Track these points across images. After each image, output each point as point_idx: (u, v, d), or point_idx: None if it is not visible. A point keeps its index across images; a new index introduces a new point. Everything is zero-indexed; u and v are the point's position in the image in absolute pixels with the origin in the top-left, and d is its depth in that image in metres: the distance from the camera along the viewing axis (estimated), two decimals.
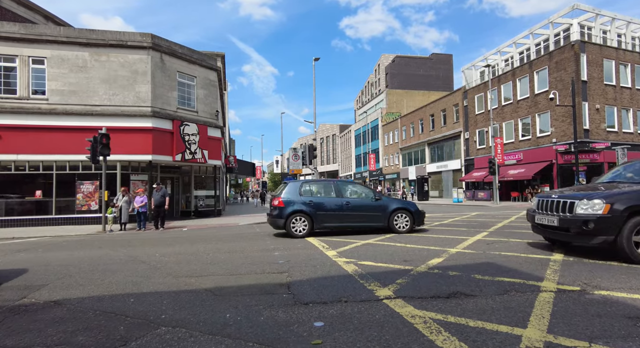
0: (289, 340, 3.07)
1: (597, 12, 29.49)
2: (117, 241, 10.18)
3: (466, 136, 36.28)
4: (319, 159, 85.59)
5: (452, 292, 4.33)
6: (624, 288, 4.36)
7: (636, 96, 27.17)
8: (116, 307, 4.03)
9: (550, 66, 26.93)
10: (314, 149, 19.65)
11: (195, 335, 3.20)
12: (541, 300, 3.93)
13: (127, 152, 15.58)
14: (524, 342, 2.91)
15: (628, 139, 26.28)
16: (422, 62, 72.02)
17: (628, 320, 3.34)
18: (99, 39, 15.65)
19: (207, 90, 19.06)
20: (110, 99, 15.70)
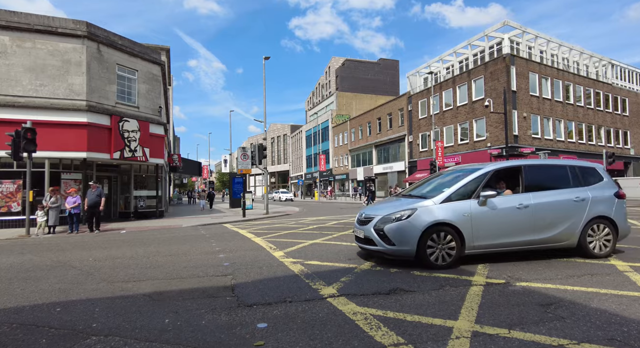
0: (230, 342, 3.03)
1: (524, 29, 32.49)
2: (44, 245, 9.28)
3: (410, 139, 38.05)
4: (269, 159, 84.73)
5: (392, 289, 4.53)
6: (540, 279, 4.87)
7: (555, 107, 30.33)
8: (38, 318, 3.69)
9: (486, 76, 29.16)
10: (264, 149, 19.42)
11: (130, 343, 3.04)
12: (472, 294, 4.25)
13: (58, 149, 14.25)
14: (455, 333, 3.14)
15: (549, 145, 29.24)
16: (371, 66, 74.22)
17: (541, 308, 3.74)
18: (22, 22, 14.13)
19: (149, 84, 18.05)
20: (37, 90, 14.27)
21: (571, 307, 3.72)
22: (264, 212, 20.28)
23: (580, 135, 32.03)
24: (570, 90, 31.66)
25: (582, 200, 6.04)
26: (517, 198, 5.90)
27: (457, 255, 5.53)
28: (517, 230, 5.75)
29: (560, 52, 35.72)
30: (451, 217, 5.51)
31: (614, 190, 6.38)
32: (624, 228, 6.27)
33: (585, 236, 6.00)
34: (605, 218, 6.12)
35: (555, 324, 3.28)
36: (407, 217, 5.51)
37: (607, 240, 6.12)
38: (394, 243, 5.51)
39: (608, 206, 6.18)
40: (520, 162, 6.46)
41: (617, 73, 53.93)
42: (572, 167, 6.45)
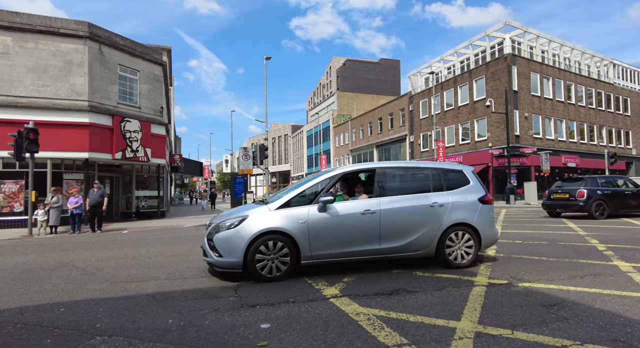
0: (234, 343, 3.03)
1: (525, 29, 32.42)
2: (46, 246, 9.31)
3: (411, 139, 38.04)
4: (270, 159, 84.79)
5: (394, 289, 4.54)
6: (542, 279, 4.87)
7: (556, 107, 30.28)
8: (42, 319, 3.71)
9: (487, 76, 29.12)
10: (265, 149, 19.45)
11: (134, 343, 3.05)
12: (474, 294, 4.25)
13: (60, 149, 14.30)
14: (458, 333, 3.15)
15: (550, 145, 29.19)
16: (372, 66, 74.22)
17: (544, 308, 3.74)
18: (25, 23, 14.18)
19: (151, 85, 18.09)
20: (39, 90, 14.31)
21: (574, 308, 3.72)
22: None
23: (581, 135, 31.98)
24: (572, 90, 31.61)
25: (441, 205, 5.59)
26: (364, 203, 5.42)
27: (291, 266, 5.08)
28: (362, 239, 5.27)
29: (561, 52, 35.66)
30: (285, 224, 5.05)
31: (480, 194, 5.92)
32: (488, 235, 5.81)
33: (443, 245, 5.54)
34: (466, 225, 5.65)
35: (558, 325, 3.28)
36: (235, 226, 5.05)
37: (469, 247, 5.65)
38: (221, 254, 4.99)
39: (470, 212, 5.72)
40: (375, 164, 5.91)
41: (618, 73, 53.84)
42: (436, 169, 6.03)
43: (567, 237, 8.67)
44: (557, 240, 8.18)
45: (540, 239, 8.42)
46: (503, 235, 9.11)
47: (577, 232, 9.65)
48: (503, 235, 9.23)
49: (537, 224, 11.69)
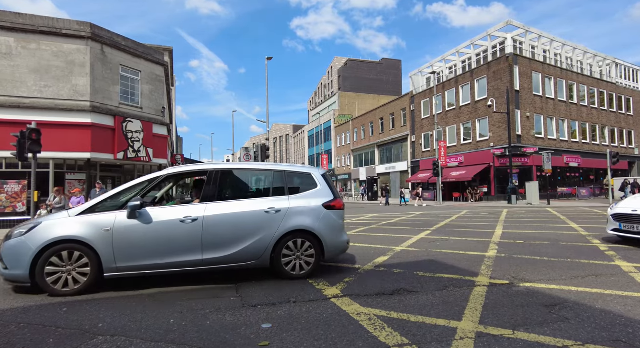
0: (235, 343, 3.05)
1: (527, 29, 32.34)
2: None
3: (413, 139, 37.99)
4: (272, 159, 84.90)
5: (396, 289, 4.54)
6: (544, 279, 4.87)
7: (558, 107, 30.20)
8: (45, 318, 3.73)
9: (489, 75, 29.07)
10: (267, 149, 19.48)
11: (136, 343, 3.06)
12: (475, 294, 4.25)
13: (62, 150, 14.34)
14: (459, 333, 3.15)
15: (552, 145, 29.11)
16: (373, 66, 74.19)
17: (545, 309, 3.74)
18: (27, 24, 14.24)
19: (152, 85, 18.13)
20: (42, 91, 14.36)
21: (576, 308, 3.72)
22: None
23: (584, 135, 31.90)
24: (574, 90, 31.53)
25: (278, 211, 5.10)
26: (184, 210, 4.89)
27: (91, 279, 4.50)
28: (180, 249, 4.73)
29: (563, 51, 35.56)
30: (84, 232, 4.49)
31: (326, 199, 5.42)
32: (334, 243, 5.32)
33: (279, 254, 5.05)
34: (307, 233, 5.19)
35: (559, 325, 3.28)
36: (23, 234, 4.50)
37: (310, 256, 5.20)
38: (7, 265, 4.43)
39: (312, 218, 5.24)
40: (208, 166, 5.42)
41: (621, 72, 53.65)
42: (280, 172, 5.50)
43: (568, 237, 8.65)
44: (559, 241, 8.17)
45: (541, 239, 8.40)
46: (504, 236, 9.10)
47: (579, 232, 9.63)
48: (504, 235, 9.22)
49: (538, 224, 11.67)
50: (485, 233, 9.61)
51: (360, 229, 11.29)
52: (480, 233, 9.78)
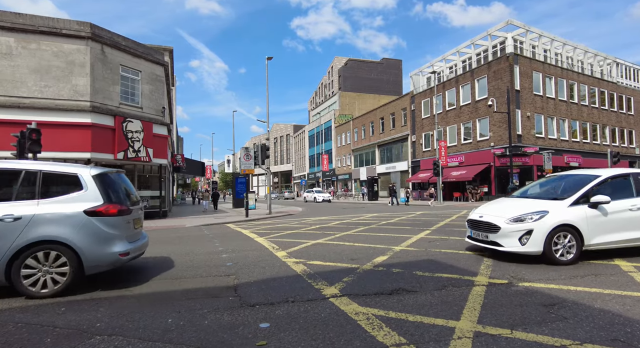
0: (233, 342, 3.04)
1: (527, 28, 32.28)
2: None
3: (413, 139, 37.95)
4: (272, 159, 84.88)
5: (394, 289, 4.53)
6: (542, 279, 4.85)
7: (559, 106, 30.15)
8: (43, 318, 3.73)
9: (489, 75, 29.02)
10: (267, 149, 19.46)
11: (133, 343, 3.06)
12: (474, 294, 4.24)
13: (63, 150, 14.35)
14: (457, 333, 3.14)
15: (552, 144, 29.06)
16: (374, 66, 74.11)
17: (543, 308, 3.73)
18: (28, 24, 14.25)
19: (153, 85, 18.13)
20: (42, 91, 14.37)
21: (574, 308, 3.71)
22: (267, 212, 20.32)
23: (584, 135, 31.83)
24: (575, 89, 31.46)
25: (17, 218, 4.39)
26: None
27: None
28: None
29: (564, 51, 35.50)
30: None
31: (91, 204, 4.72)
32: (96, 257, 4.64)
33: (18, 268, 4.35)
34: (59, 243, 4.50)
35: (558, 325, 3.27)
36: None
37: (62, 273, 4.50)
38: None
39: (67, 227, 4.54)
40: None
41: (622, 72, 53.56)
42: (33, 173, 4.72)
43: None
44: None
45: None
46: None
47: None
48: None
49: None
50: None
51: (359, 229, 11.28)
52: None
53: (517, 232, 5.75)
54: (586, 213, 5.80)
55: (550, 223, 5.66)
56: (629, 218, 5.96)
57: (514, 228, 5.80)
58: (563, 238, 5.69)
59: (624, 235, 5.91)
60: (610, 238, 5.85)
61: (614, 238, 5.87)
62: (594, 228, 5.77)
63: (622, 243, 5.96)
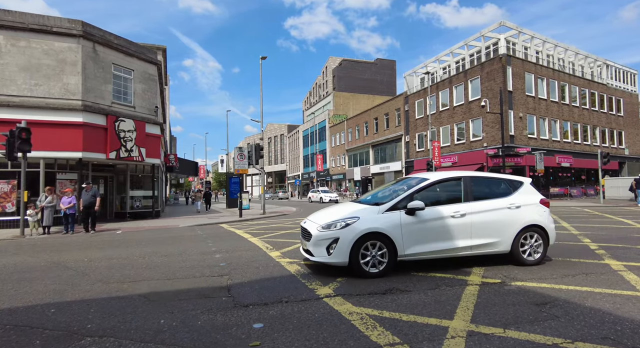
0: (226, 343, 3.02)
1: (519, 30, 32.61)
2: (38, 246, 9.22)
3: (407, 139, 38.11)
4: (266, 159, 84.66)
5: (388, 289, 4.54)
6: (535, 278, 4.90)
7: (550, 107, 30.47)
8: (32, 320, 3.67)
9: (482, 76, 29.25)
10: (261, 149, 19.41)
11: (124, 344, 3.02)
12: (467, 293, 4.27)
13: (53, 149, 14.16)
14: (450, 332, 3.15)
15: (544, 145, 29.36)
16: (368, 66, 74.29)
17: (535, 307, 3.76)
18: (17, 21, 14.03)
19: (145, 84, 17.97)
20: (32, 89, 14.17)
21: (566, 306, 3.74)
22: (260, 212, 20.26)
23: (575, 135, 32.21)
24: (566, 91, 31.83)
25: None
26: None
27: None
28: None
29: (555, 52, 35.92)
30: None
31: None
32: None
33: None
34: None
35: (550, 323, 3.30)
36: None
37: None
38: None
39: None
40: None
41: (612, 74, 54.31)
42: None
43: (559, 236, 8.72)
44: None
45: None
46: None
47: (570, 231, 9.72)
48: None
49: None
50: None
51: None
52: None
53: (326, 240, 5.15)
54: (401, 220, 5.17)
55: (358, 230, 5.03)
56: (451, 225, 5.35)
57: (323, 235, 5.18)
58: (372, 248, 5.08)
59: (443, 245, 5.29)
60: (428, 248, 5.23)
61: (432, 247, 5.25)
62: (410, 237, 5.16)
63: (442, 254, 5.34)
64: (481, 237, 5.46)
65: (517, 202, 5.72)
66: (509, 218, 5.59)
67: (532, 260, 5.62)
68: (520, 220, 5.63)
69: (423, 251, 5.23)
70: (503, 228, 5.54)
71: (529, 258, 5.63)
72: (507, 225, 5.56)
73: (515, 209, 5.67)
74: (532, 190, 6.03)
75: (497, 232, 5.52)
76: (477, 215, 5.47)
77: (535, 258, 5.66)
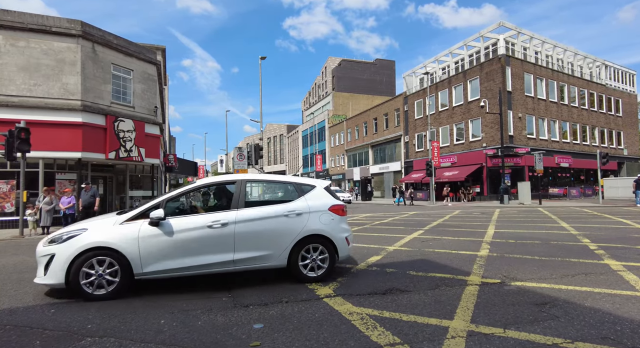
0: (227, 343, 3.02)
1: (519, 30, 32.66)
2: None
3: (406, 139, 38.13)
4: (265, 159, 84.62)
5: (388, 289, 4.54)
6: (534, 278, 4.90)
7: (549, 107, 30.52)
8: (32, 320, 3.66)
9: (481, 76, 29.28)
10: (260, 149, 19.41)
11: (125, 344, 3.02)
12: (467, 293, 4.27)
13: (53, 149, 14.14)
14: (450, 332, 3.16)
15: (543, 145, 29.41)
16: (367, 66, 74.33)
17: (535, 307, 3.76)
18: (16, 21, 14.01)
19: (145, 84, 17.96)
20: (31, 89, 14.15)
21: (565, 306, 3.75)
22: None
23: (574, 136, 32.27)
24: (565, 91, 31.89)
25: None
26: None
27: None
28: None
29: (554, 53, 35.97)
30: None
31: None
32: None
33: None
34: None
35: (549, 323, 3.30)
36: None
37: None
38: None
39: None
40: None
41: (610, 74, 54.42)
42: None
43: (559, 237, 8.74)
44: (550, 240, 8.25)
45: (533, 239, 8.48)
46: (496, 235, 9.17)
47: (569, 231, 9.73)
48: (496, 234, 9.29)
49: (530, 224, 11.78)
50: (478, 233, 9.67)
51: (353, 229, 11.30)
52: (472, 232, 9.84)
53: (44, 256, 4.37)
54: (140, 233, 4.43)
55: (78, 246, 4.27)
56: (206, 237, 4.58)
57: (44, 251, 4.40)
58: (98, 266, 4.29)
59: (196, 260, 4.54)
60: (176, 264, 4.48)
61: (181, 263, 4.49)
62: (152, 252, 4.41)
63: (195, 270, 4.59)
64: (248, 250, 4.69)
65: (299, 209, 5.00)
66: (285, 228, 4.86)
67: (314, 276, 4.91)
68: (299, 229, 4.89)
69: (169, 268, 4.46)
70: (277, 239, 4.80)
71: (311, 274, 4.91)
72: (282, 236, 4.83)
73: (295, 217, 4.94)
74: (324, 195, 5.30)
75: (269, 244, 4.77)
76: (243, 224, 4.71)
77: (319, 274, 4.94)
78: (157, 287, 4.83)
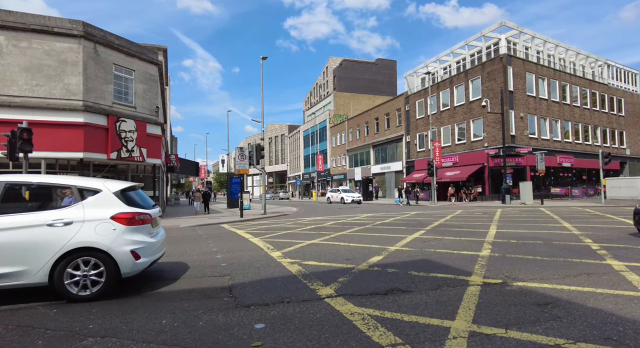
0: (228, 343, 3.02)
1: (520, 30, 32.59)
2: None
3: (407, 139, 38.09)
4: (267, 159, 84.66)
5: (389, 289, 4.54)
6: (536, 279, 4.89)
7: (551, 107, 30.44)
8: (34, 319, 3.68)
9: (483, 76, 29.21)
10: (262, 149, 19.41)
11: (126, 344, 3.03)
12: (469, 294, 4.26)
13: (55, 149, 14.19)
14: (452, 333, 3.15)
15: (545, 145, 29.33)
16: (368, 66, 74.27)
17: (537, 307, 3.75)
18: (18, 22, 14.06)
19: (146, 84, 17.99)
20: (33, 89, 14.19)
21: (568, 307, 3.74)
22: (261, 212, 20.26)
23: (576, 136, 32.17)
24: (567, 91, 31.80)
25: None
26: None
27: None
28: None
29: (556, 52, 35.89)
30: None
31: None
32: None
33: None
34: None
35: (552, 324, 3.29)
36: None
37: None
38: None
39: None
40: None
41: (612, 73, 54.25)
42: None
43: (561, 237, 8.71)
44: (552, 240, 8.22)
45: (534, 239, 8.45)
46: (498, 235, 9.14)
47: (571, 231, 9.70)
48: (498, 234, 9.26)
49: (532, 224, 11.75)
50: (479, 233, 9.65)
51: (354, 229, 11.29)
52: (474, 232, 9.82)
53: None
54: None
55: None
56: None
57: None
58: None
59: None
60: None
61: None
62: None
63: None
64: None
65: (69, 217, 4.37)
66: (47, 239, 4.19)
67: (88, 295, 4.25)
68: (64, 241, 4.23)
69: None
70: (35, 252, 4.13)
71: (82, 293, 4.25)
72: (42, 249, 4.15)
73: (62, 227, 4.29)
74: (111, 201, 4.66)
75: (24, 259, 4.10)
76: None
77: (93, 291, 4.28)
78: (157, 287, 4.84)
